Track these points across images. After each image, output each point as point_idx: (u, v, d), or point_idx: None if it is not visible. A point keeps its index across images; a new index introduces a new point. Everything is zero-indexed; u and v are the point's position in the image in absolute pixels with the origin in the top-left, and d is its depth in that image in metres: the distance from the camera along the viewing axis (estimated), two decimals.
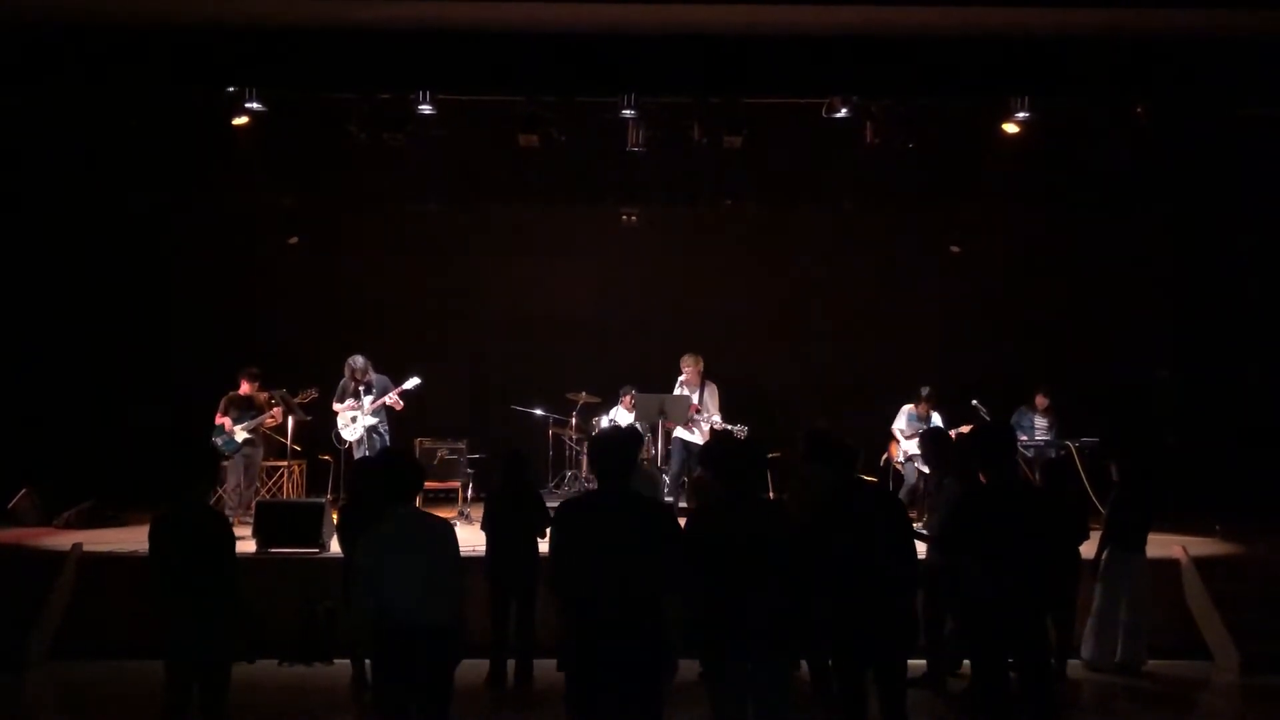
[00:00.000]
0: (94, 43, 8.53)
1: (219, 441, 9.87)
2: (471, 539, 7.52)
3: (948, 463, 6.79)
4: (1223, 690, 7.45)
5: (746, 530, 4.47)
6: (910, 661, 5.25)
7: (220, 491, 10.14)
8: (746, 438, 9.10)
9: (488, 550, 7.13)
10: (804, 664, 6.21)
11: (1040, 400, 10.57)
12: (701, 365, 10.33)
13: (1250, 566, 8.66)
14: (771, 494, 8.41)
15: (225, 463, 10.00)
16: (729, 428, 9.95)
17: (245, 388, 10.13)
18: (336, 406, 10.14)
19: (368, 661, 5.79)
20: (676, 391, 10.32)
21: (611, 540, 4.23)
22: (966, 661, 6.33)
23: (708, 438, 9.71)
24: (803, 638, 4.66)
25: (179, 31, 8.46)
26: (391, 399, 10.02)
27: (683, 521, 4.62)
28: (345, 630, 4.26)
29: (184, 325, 11.85)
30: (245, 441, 9.99)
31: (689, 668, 4.68)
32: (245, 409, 10.08)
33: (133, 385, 11.46)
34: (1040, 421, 10.52)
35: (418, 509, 4.68)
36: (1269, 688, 7.34)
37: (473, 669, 7.01)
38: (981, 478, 5.18)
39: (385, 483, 4.81)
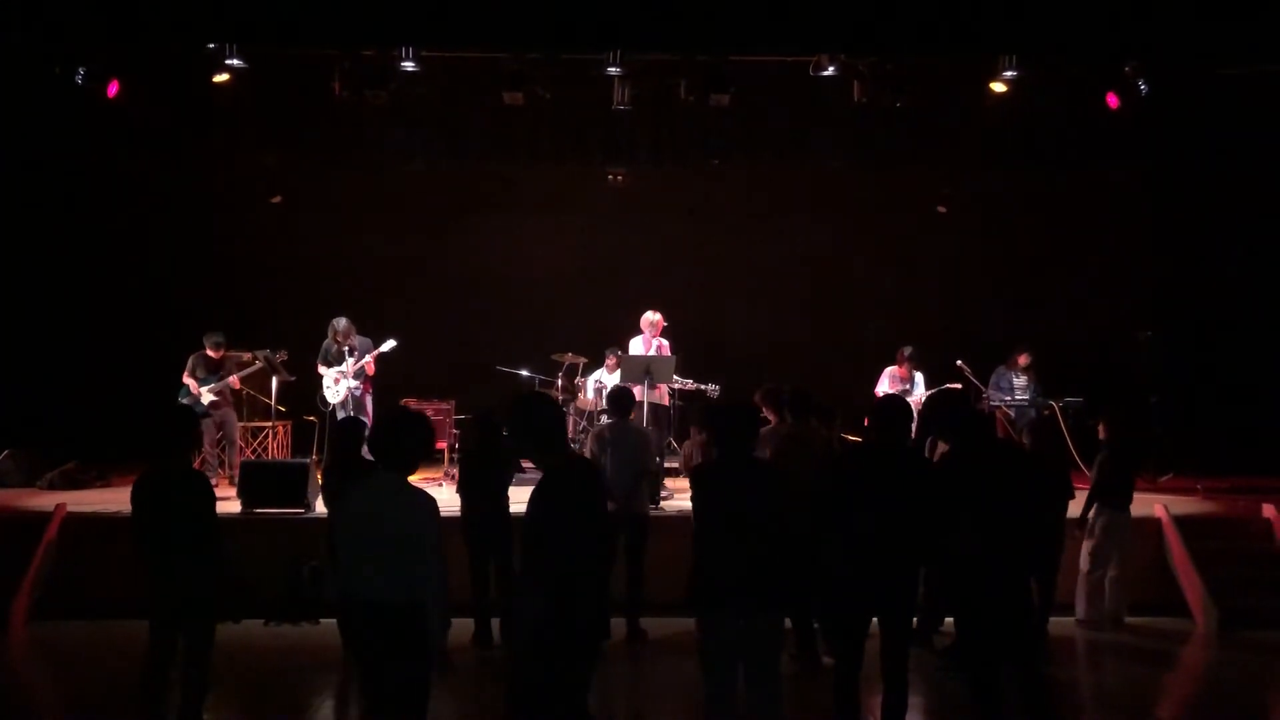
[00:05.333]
0: None
1: (185, 402, 9.79)
2: (454, 500, 7.50)
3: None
4: (1200, 644, 7.58)
5: (741, 489, 4.49)
6: None
7: (203, 453, 10.11)
8: (733, 399, 8.95)
9: (461, 510, 7.13)
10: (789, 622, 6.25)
11: (1022, 360, 10.58)
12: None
13: (1230, 525, 8.76)
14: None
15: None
16: (702, 387, 9.84)
17: (211, 352, 10.00)
18: (321, 369, 10.08)
19: None
20: (633, 350, 10.02)
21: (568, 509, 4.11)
22: (949, 619, 6.39)
23: (657, 398, 9.64)
24: (793, 594, 4.65)
25: None
26: (366, 361, 9.95)
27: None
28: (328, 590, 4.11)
29: (164, 286, 11.76)
30: (211, 404, 9.85)
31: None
32: (211, 370, 9.94)
33: (114, 346, 11.39)
34: (1019, 381, 10.53)
35: (398, 478, 4.21)
36: (1245, 641, 7.49)
37: (458, 628, 7.06)
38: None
39: (382, 445, 4.31)
